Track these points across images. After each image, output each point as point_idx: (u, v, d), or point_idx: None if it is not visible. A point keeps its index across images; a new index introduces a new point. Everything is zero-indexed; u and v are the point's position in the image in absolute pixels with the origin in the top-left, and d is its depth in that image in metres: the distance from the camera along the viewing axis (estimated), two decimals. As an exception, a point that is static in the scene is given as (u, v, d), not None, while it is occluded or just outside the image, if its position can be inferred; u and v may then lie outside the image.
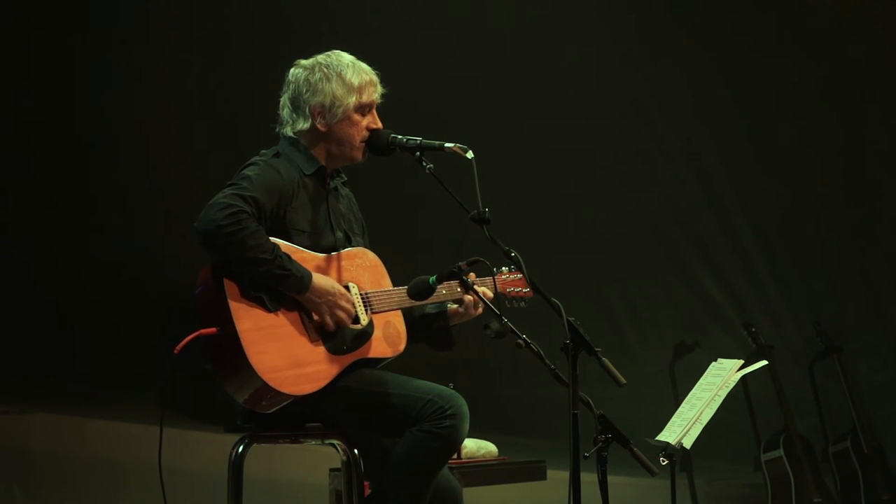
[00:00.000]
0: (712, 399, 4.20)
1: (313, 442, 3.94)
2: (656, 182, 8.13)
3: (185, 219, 3.57)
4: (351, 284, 3.78)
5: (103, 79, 7.12)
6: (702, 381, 4.34)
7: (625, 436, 3.36)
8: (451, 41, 7.62)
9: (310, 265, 3.66)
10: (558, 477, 4.43)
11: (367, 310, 3.78)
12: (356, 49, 3.93)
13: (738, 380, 4.27)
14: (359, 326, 3.74)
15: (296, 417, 3.72)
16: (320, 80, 3.80)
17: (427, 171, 3.70)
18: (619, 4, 7.88)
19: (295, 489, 6.03)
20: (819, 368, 7.65)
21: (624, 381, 3.37)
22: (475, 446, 4.84)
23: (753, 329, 7.29)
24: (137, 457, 5.60)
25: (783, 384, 7.09)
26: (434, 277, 3.59)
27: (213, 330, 3.53)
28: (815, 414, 7.70)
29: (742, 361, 4.33)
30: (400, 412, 3.65)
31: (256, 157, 3.80)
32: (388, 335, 3.82)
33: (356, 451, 3.73)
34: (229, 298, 3.52)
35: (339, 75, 3.80)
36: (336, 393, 3.65)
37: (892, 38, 7.60)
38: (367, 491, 3.87)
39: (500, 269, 4.07)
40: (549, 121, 7.82)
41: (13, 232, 7.03)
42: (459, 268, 3.55)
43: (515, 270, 4.05)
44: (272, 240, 3.60)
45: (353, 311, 3.70)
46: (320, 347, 3.65)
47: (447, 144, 3.70)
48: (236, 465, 3.62)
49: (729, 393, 4.24)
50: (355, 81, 3.81)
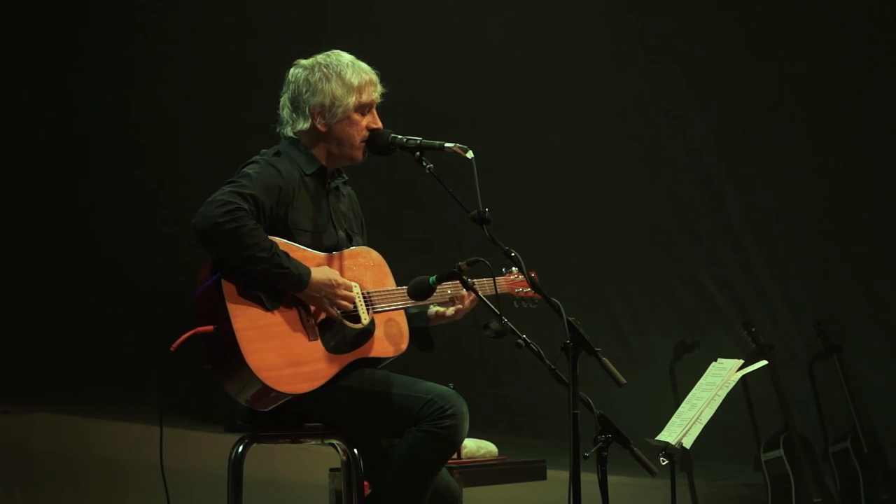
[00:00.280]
0: (712, 399, 4.20)
1: (313, 442, 3.93)
2: (656, 182, 8.13)
3: (185, 219, 3.57)
4: (353, 284, 3.77)
5: (103, 79, 7.12)
6: (702, 381, 4.33)
7: (625, 436, 3.36)
8: (452, 41, 7.62)
9: (311, 264, 3.65)
10: (558, 477, 4.42)
11: (368, 309, 3.77)
12: (356, 49, 3.93)
13: (738, 380, 4.27)
14: (360, 325, 3.74)
15: (295, 417, 3.72)
16: (320, 80, 3.79)
17: (427, 171, 3.69)
18: (619, 4, 7.88)
19: (295, 489, 6.02)
20: (819, 368, 7.65)
21: (624, 381, 3.37)
22: (475, 446, 4.84)
23: (753, 329, 7.28)
24: (137, 457, 5.60)
25: (783, 384, 7.09)
26: (434, 277, 3.59)
27: (209, 328, 3.53)
28: (815, 414, 7.69)
29: (742, 361, 4.32)
30: (400, 412, 3.65)
31: (257, 156, 3.80)
32: (391, 334, 3.81)
33: (356, 451, 3.73)
34: (227, 297, 3.52)
35: (338, 75, 3.79)
36: (336, 392, 3.65)
37: (891, 37, 7.60)
38: (367, 491, 3.87)
39: (510, 269, 4.07)
40: (549, 120, 7.83)
41: (13, 232, 7.02)
42: (459, 268, 3.55)
43: (519, 272, 4.04)
44: (271, 238, 3.60)
45: (353, 297, 3.69)
46: (319, 346, 3.64)
47: (447, 144, 3.70)
48: (236, 464, 3.62)
49: (729, 393, 4.23)
50: (355, 81, 3.80)
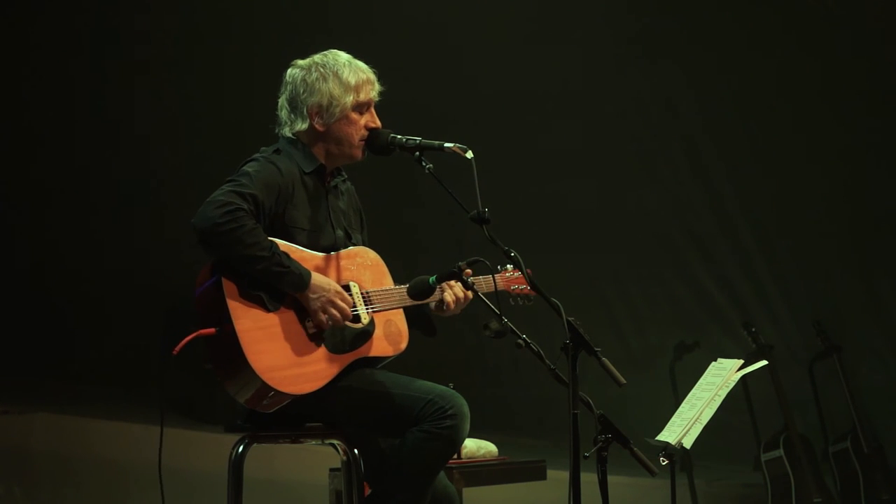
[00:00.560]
0: (712, 399, 4.20)
1: (313, 442, 3.93)
2: (656, 181, 8.13)
3: (186, 219, 3.56)
4: (352, 284, 3.77)
5: (103, 79, 7.11)
6: (702, 381, 4.33)
7: (625, 436, 3.36)
8: (452, 41, 7.62)
9: (309, 265, 3.65)
10: (558, 477, 4.42)
11: (368, 309, 3.77)
12: (356, 49, 3.92)
13: (738, 380, 4.26)
14: (359, 325, 3.74)
15: (296, 417, 3.71)
16: (317, 79, 3.79)
17: (427, 171, 3.69)
18: (619, 4, 7.88)
19: (295, 489, 6.02)
20: (819, 368, 7.65)
21: (624, 381, 3.36)
22: (475, 446, 4.83)
23: (753, 329, 7.28)
24: (137, 457, 5.59)
25: (783, 384, 7.09)
26: (434, 277, 3.59)
27: (211, 330, 3.53)
28: (815, 414, 7.70)
29: (742, 361, 4.32)
30: (400, 412, 3.65)
31: (257, 154, 3.79)
32: (390, 334, 3.81)
33: (356, 451, 3.73)
34: (228, 298, 3.52)
35: (335, 75, 3.79)
36: (336, 393, 3.65)
37: (891, 37, 7.60)
38: (368, 491, 3.87)
39: (505, 266, 4.08)
40: (548, 120, 7.83)
41: (13, 232, 7.02)
42: (459, 268, 3.55)
43: (517, 270, 4.04)
44: (270, 239, 3.59)
45: (348, 311, 3.67)
46: (320, 346, 3.64)
47: (447, 144, 3.69)
48: (236, 465, 3.62)
49: (729, 393, 4.23)
50: (352, 80, 3.80)
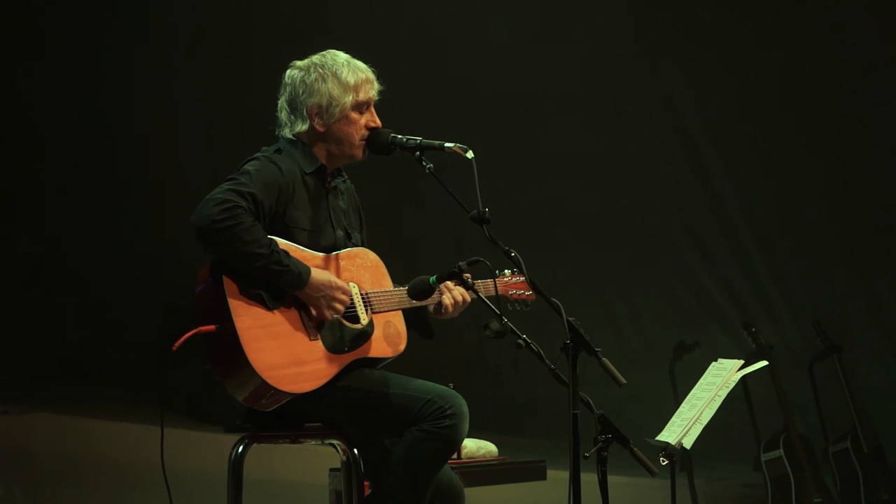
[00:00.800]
0: (712, 399, 4.20)
1: (313, 442, 3.93)
2: (656, 181, 8.14)
3: (185, 218, 3.56)
4: (352, 284, 3.77)
5: (103, 79, 7.12)
6: (702, 381, 4.33)
7: (625, 436, 3.36)
8: (452, 41, 7.63)
9: (309, 264, 3.64)
10: (558, 477, 4.43)
11: (367, 310, 3.78)
12: (356, 49, 3.92)
13: (738, 380, 4.27)
14: (359, 326, 3.74)
15: (295, 417, 3.71)
16: (316, 80, 3.78)
17: (427, 171, 3.69)
18: (619, 4, 7.88)
19: (295, 489, 6.03)
20: (819, 368, 7.65)
21: (624, 381, 3.36)
22: (475, 446, 4.84)
23: (753, 329, 7.28)
24: (137, 457, 5.60)
25: (783, 384, 7.09)
26: (434, 277, 3.59)
27: (211, 327, 3.52)
28: (815, 414, 7.70)
29: (742, 361, 4.32)
30: (400, 412, 3.65)
31: (258, 153, 3.79)
32: (389, 335, 3.81)
33: (356, 451, 3.72)
34: (228, 296, 3.51)
35: (334, 75, 3.79)
36: (336, 392, 3.65)
37: (891, 37, 7.60)
38: (367, 491, 3.87)
39: (503, 271, 4.07)
40: (549, 120, 7.83)
41: (13, 232, 7.03)
42: (459, 268, 3.55)
43: (517, 273, 4.04)
44: (270, 237, 3.59)
45: (348, 301, 3.68)
46: (319, 346, 3.64)
47: (447, 144, 3.69)
48: (236, 465, 3.61)
49: (729, 393, 4.23)
50: (351, 80, 3.79)
